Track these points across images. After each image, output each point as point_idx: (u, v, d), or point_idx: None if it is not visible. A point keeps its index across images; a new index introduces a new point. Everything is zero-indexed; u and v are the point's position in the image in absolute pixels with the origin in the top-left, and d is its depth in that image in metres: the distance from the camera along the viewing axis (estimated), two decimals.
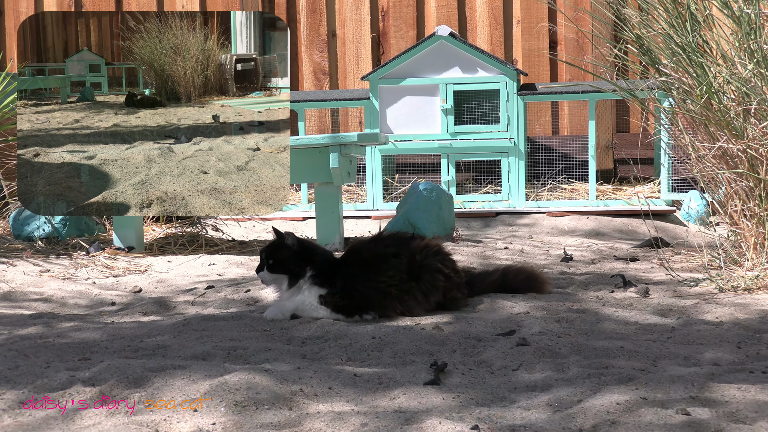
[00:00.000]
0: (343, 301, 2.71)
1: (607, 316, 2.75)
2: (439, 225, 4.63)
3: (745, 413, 1.79)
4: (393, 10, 6.44)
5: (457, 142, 5.60)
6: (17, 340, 2.64)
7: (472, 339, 2.45)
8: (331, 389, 2.01)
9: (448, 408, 1.88)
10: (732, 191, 3.43)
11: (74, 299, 3.42)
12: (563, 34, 6.20)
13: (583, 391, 1.95)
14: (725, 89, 3.37)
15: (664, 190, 5.46)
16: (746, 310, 2.78)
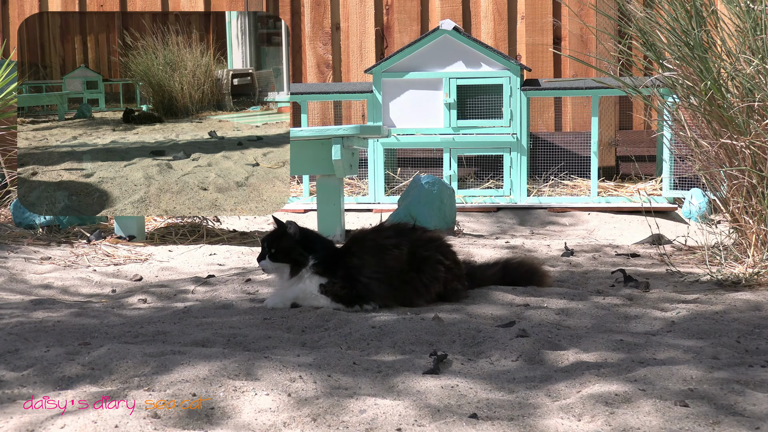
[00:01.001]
0: (343, 290, 2.71)
1: (607, 310, 2.75)
2: (441, 218, 4.63)
3: (744, 406, 1.79)
4: (397, 3, 6.43)
5: (460, 137, 5.60)
6: (17, 325, 2.64)
7: (471, 330, 2.45)
8: (329, 377, 2.01)
9: (447, 396, 1.88)
10: (734, 188, 3.42)
11: (75, 286, 3.42)
12: (567, 30, 6.20)
13: (581, 382, 1.95)
14: (729, 85, 3.37)
15: (665, 188, 5.45)
16: (746, 306, 2.78)
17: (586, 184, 5.73)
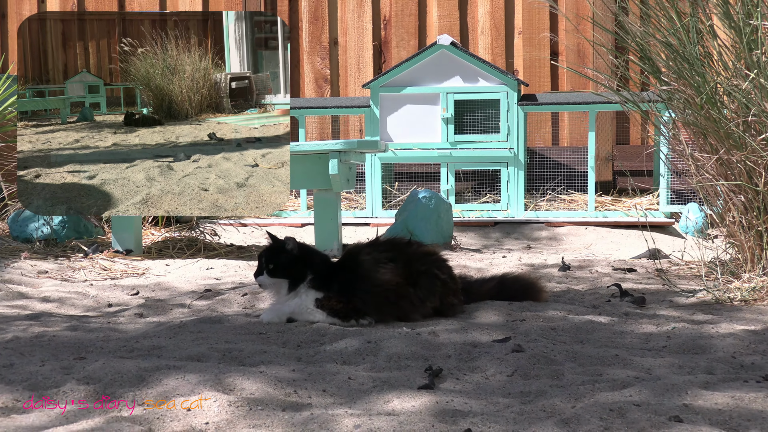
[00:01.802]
0: (339, 305, 2.71)
1: (603, 325, 2.75)
2: (438, 233, 4.63)
3: (739, 421, 1.79)
4: (395, 18, 6.45)
5: (457, 152, 5.61)
6: (13, 339, 2.63)
7: (467, 345, 2.44)
8: (325, 391, 2.00)
9: (442, 412, 1.88)
10: (730, 203, 3.43)
11: (71, 300, 3.42)
12: (564, 45, 6.22)
13: (576, 398, 1.95)
14: (725, 100, 3.38)
15: (662, 202, 5.46)
16: (742, 321, 2.78)
17: (583, 198, 5.74)
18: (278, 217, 5.68)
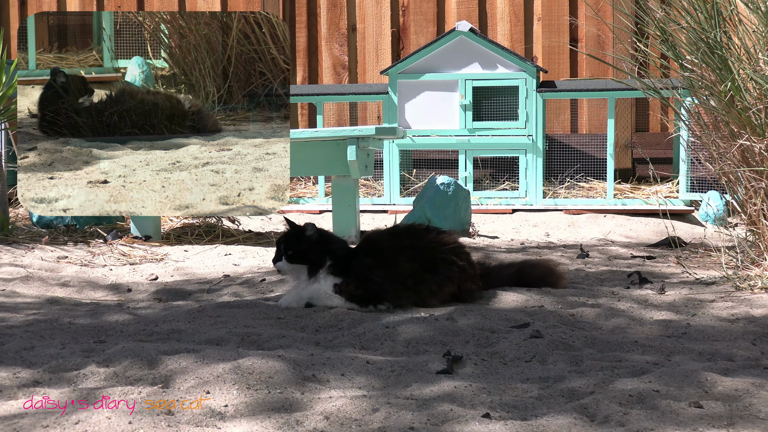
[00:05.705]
0: (357, 290, 2.71)
1: (622, 312, 2.73)
2: (456, 220, 4.63)
3: (758, 407, 1.78)
4: (413, 5, 6.43)
5: (475, 138, 5.59)
6: (33, 323, 2.65)
7: (485, 330, 2.44)
8: (343, 376, 2.01)
9: (460, 396, 1.88)
10: (752, 190, 3.40)
11: (91, 285, 3.44)
12: (584, 31, 6.18)
13: (595, 383, 1.94)
14: (748, 86, 3.35)
15: (682, 190, 5.43)
16: (762, 309, 2.76)
17: (602, 186, 5.71)
18: (296, 204, 5.68)
